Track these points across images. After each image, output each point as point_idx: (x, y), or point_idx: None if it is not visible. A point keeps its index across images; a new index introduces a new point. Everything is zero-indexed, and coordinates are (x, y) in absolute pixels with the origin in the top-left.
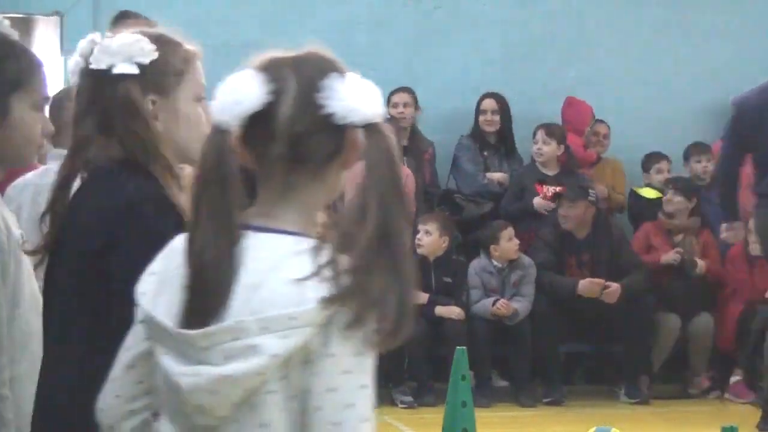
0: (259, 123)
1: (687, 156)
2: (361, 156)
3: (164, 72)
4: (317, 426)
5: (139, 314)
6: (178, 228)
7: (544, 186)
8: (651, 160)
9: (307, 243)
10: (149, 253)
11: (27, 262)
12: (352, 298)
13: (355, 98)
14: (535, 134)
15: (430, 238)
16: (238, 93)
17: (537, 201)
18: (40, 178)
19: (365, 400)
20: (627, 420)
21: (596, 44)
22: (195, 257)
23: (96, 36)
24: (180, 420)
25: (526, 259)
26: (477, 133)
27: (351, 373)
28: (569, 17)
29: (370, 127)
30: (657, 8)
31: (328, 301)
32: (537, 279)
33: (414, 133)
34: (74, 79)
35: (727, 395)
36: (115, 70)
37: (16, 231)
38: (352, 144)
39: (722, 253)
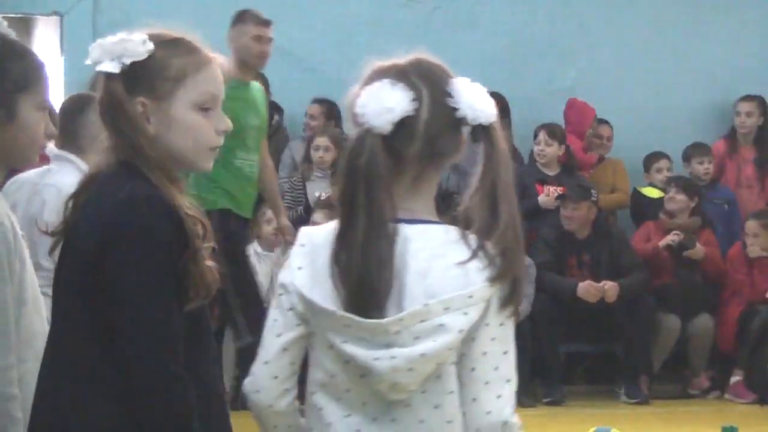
0: (401, 126)
1: (687, 157)
2: (486, 151)
3: (160, 75)
4: (472, 384)
5: (286, 303)
6: (174, 228)
7: (545, 186)
8: (653, 159)
9: (454, 231)
10: (143, 253)
11: (29, 262)
12: (506, 277)
13: (477, 101)
14: (536, 135)
15: None
16: (387, 101)
17: (542, 199)
18: (40, 177)
19: (508, 363)
20: (627, 420)
21: (597, 44)
22: (358, 252)
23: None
24: (363, 398)
25: (526, 260)
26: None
27: (497, 340)
28: (569, 17)
29: (491, 126)
30: (658, 8)
31: (492, 280)
32: (537, 279)
33: None
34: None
35: (726, 395)
36: (99, 68)
37: (19, 231)
38: (463, 141)
39: (723, 253)
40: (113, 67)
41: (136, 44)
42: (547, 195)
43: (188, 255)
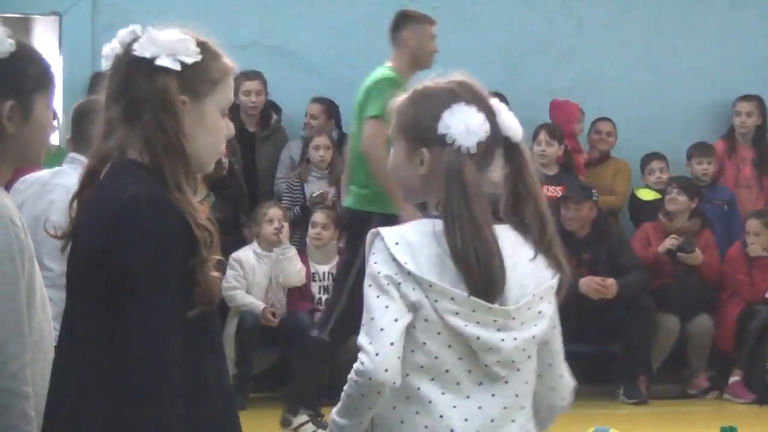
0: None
1: (689, 156)
2: (518, 166)
3: (202, 77)
4: (547, 354)
5: (395, 293)
6: (180, 232)
7: (545, 186)
8: (649, 160)
9: (514, 231)
10: (147, 256)
11: (36, 262)
12: (562, 271)
13: (511, 119)
14: (536, 135)
15: None
16: (471, 124)
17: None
18: (51, 177)
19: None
20: (626, 420)
21: (595, 45)
22: (479, 249)
23: (137, 27)
24: (458, 378)
25: None
26: None
27: (557, 326)
28: (568, 17)
29: (520, 142)
30: (656, 8)
31: (555, 274)
32: None
33: None
34: (107, 64)
35: (725, 395)
36: (158, 62)
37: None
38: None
39: (722, 254)
40: (174, 64)
41: (194, 45)
42: (551, 198)
43: (195, 262)
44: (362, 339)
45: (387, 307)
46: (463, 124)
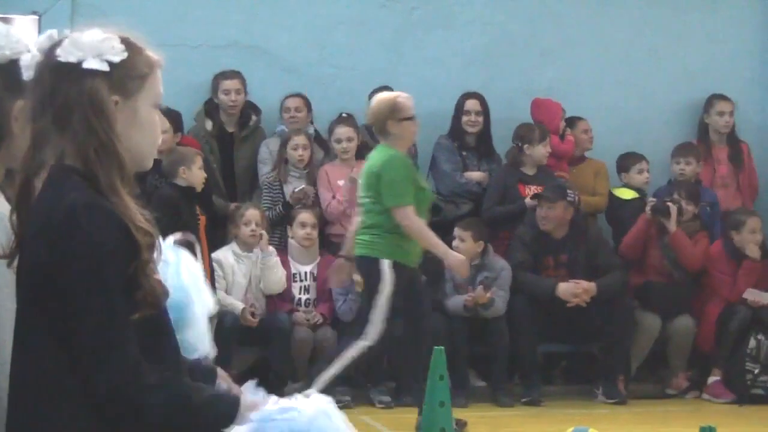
0: None
1: (673, 156)
2: None
3: (130, 74)
4: None
5: None
6: (120, 236)
7: (526, 186)
8: (629, 160)
9: None
10: (91, 263)
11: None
12: None
13: None
14: (546, 137)
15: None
16: None
17: (529, 202)
18: None
19: None
20: (605, 420)
21: (575, 44)
22: None
23: (54, 32)
24: None
25: (500, 261)
26: (455, 133)
27: None
28: (548, 17)
29: None
30: (635, 8)
31: None
32: (514, 279)
33: None
34: (28, 74)
35: (705, 395)
36: (86, 65)
37: None
38: None
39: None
40: (101, 65)
41: (117, 42)
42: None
43: (137, 265)
44: None
45: None
46: None
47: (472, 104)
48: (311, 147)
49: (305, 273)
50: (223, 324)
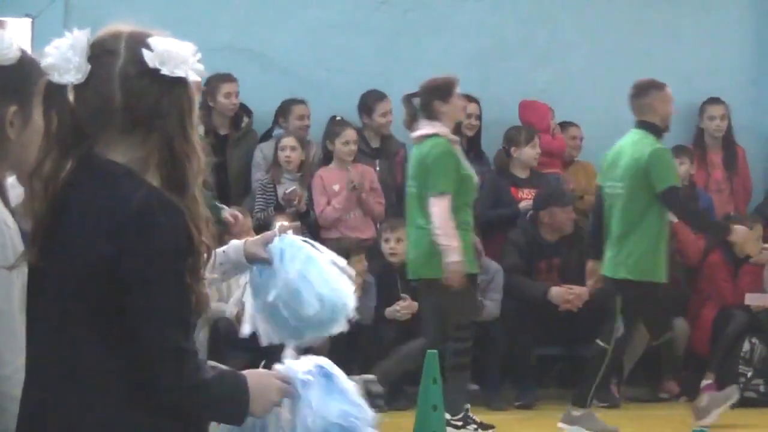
0: None
1: None
2: None
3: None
4: None
5: None
6: (187, 235)
7: (519, 189)
8: None
9: None
10: (169, 262)
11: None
12: None
13: None
14: (532, 138)
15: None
16: None
17: (523, 206)
18: None
19: None
20: None
21: (569, 47)
22: None
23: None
24: None
25: (494, 264)
26: None
27: None
28: (542, 20)
29: None
30: (630, 11)
31: None
32: (507, 283)
33: (385, 135)
34: (70, 77)
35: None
36: (178, 73)
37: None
38: None
39: (702, 259)
40: (192, 75)
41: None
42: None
43: (193, 269)
44: None
45: None
46: None
47: (472, 108)
48: (302, 149)
49: None
50: (218, 329)
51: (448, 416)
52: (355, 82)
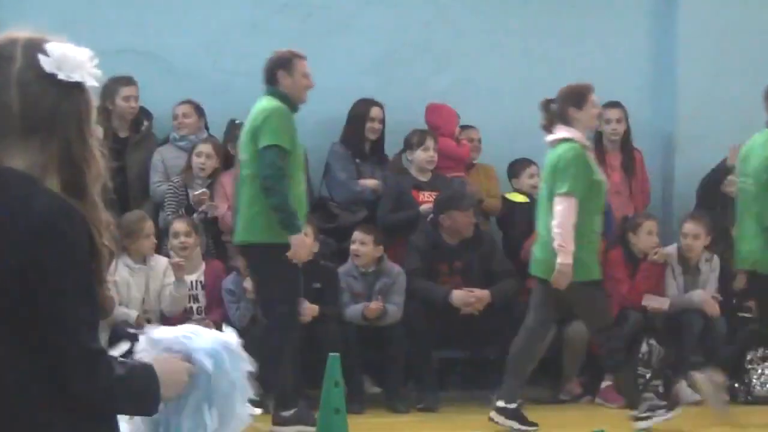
0: None
1: None
2: None
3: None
4: None
5: None
6: (88, 240)
7: (421, 192)
8: (519, 165)
9: None
10: (74, 268)
11: None
12: None
13: None
14: (423, 141)
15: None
16: None
17: (423, 209)
18: None
19: None
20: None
21: (471, 51)
22: None
23: (14, 37)
24: None
25: (395, 267)
26: (349, 140)
27: None
28: (444, 24)
29: None
30: (531, 16)
31: None
32: (409, 285)
33: None
34: None
35: (597, 399)
36: (75, 78)
37: None
38: None
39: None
40: (90, 80)
41: (91, 58)
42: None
43: (96, 271)
44: None
45: None
46: None
47: (377, 112)
48: (217, 157)
49: (192, 282)
50: (116, 335)
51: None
52: (257, 86)
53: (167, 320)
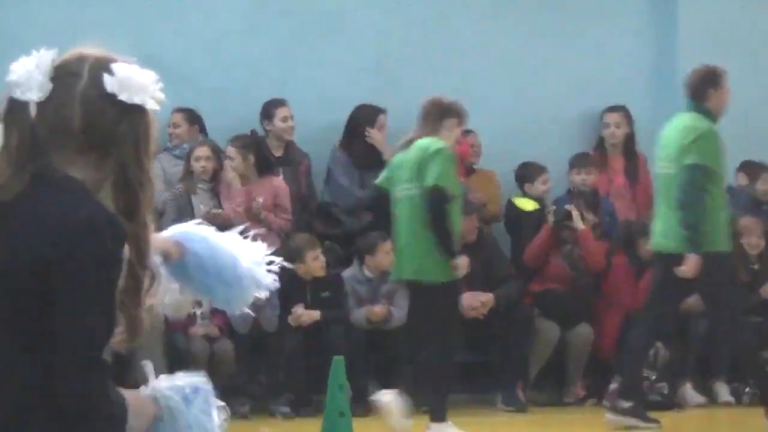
0: None
1: (571, 166)
2: None
3: None
4: None
5: None
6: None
7: None
8: (532, 171)
9: None
10: (102, 274)
11: None
12: None
13: None
14: None
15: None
16: None
17: None
18: None
19: None
20: (504, 428)
21: (468, 54)
22: None
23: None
24: None
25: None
26: (351, 145)
27: None
28: (441, 28)
29: None
30: (528, 19)
31: None
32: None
33: (288, 144)
34: (32, 94)
35: (604, 402)
36: (137, 101)
37: None
38: None
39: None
40: (152, 104)
41: (156, 80)
42: None
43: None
44: None
45: None
46: None
47: (384, 119)
48: (216, 159)
49: None
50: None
51: None
52: (256, 91)
53: (171, 324)
